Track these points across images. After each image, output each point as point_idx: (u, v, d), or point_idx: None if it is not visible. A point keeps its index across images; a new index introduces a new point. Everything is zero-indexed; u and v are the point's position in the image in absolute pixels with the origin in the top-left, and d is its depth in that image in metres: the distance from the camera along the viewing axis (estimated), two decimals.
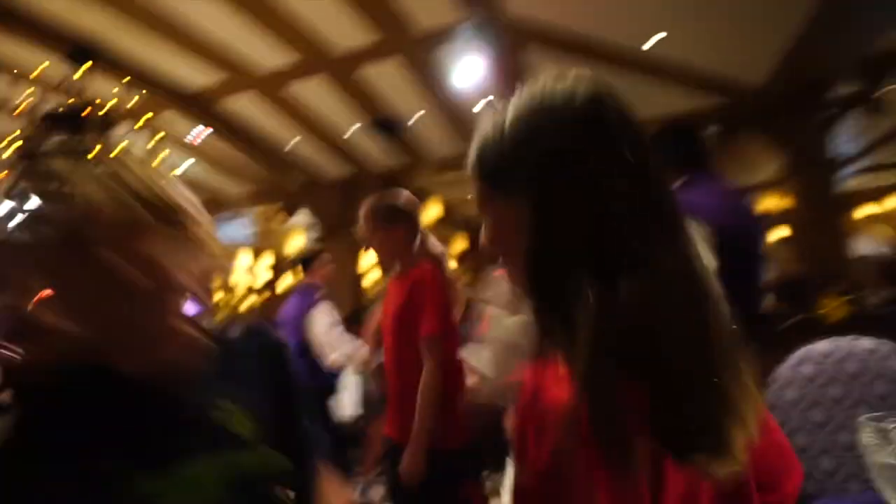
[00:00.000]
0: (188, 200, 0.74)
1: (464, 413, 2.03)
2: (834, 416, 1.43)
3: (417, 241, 2.09)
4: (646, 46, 4.74)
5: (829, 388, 1.44)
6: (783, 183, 6.44)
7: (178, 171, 6.60)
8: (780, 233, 8.07)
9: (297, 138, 6.34)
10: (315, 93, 5.49)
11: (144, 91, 4.84)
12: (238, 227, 9.82)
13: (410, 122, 5.94)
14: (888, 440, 0.72)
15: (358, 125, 6.04)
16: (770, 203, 7.16)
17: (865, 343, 1.44)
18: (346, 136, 6.10)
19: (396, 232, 2.07)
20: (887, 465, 0.72)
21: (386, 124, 6.03)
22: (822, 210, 5.74)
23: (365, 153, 6.71)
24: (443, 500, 1.90)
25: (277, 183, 6.95)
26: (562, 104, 0.61)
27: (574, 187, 0.58)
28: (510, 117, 0.63)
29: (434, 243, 2.16)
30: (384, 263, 2.16)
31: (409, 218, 2.10)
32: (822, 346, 1.46)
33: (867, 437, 0.76)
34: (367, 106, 5.70)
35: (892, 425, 0.73)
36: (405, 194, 2.18)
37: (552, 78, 0.64)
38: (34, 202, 0.63)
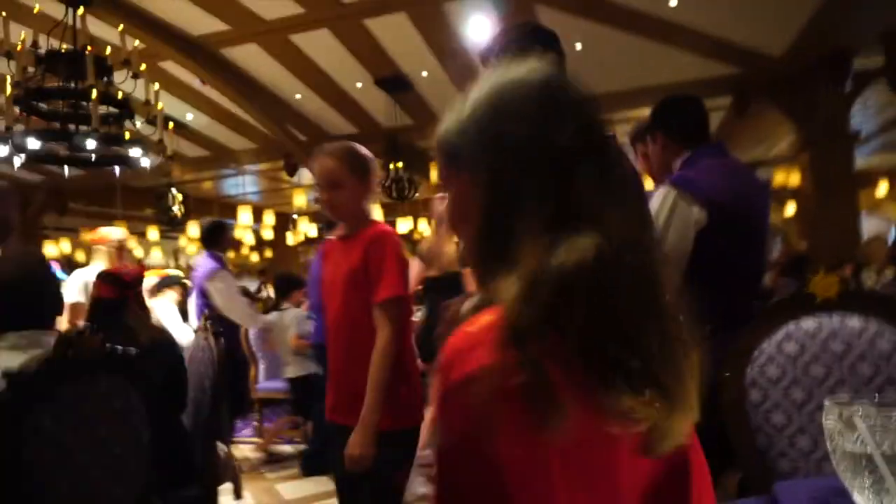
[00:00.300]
0: None
1: (418, 388, 1.83)
2: (815, 395, 1.39)
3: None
4: (665, 7, 4.57)
5: (811, 367, 1.40)
6: (796, 158, 6.30)
7: (183, 121, 6.53)
8: (791, 208, 7.94)
9: (301, 94, 6.23)
10: (320, 46, 5.36)
11: (144, 37, 4.74)
12: (242, 184, 9.79)
13: (417, 81, 5.81)
14: (851, 426, 0.68)
15: (363, 82, 5.92)
16: (782, 178, 7.02)
17: (853, 322, 1.39)
18: (358, 87, 5.97)
19: (365, 186, 1.84)
20: (849, 453, 0.68)
21: (392, 82, 5.90)
22: (836, 187, 5.61)
23: (370, 111, 6.60)
24: (392, 487, 1.72)
25: (280, 140, 6.86)
26: (517, 85, 0.65)
27: (522, 165, 0.62)
28: (470, 97, 0.68)
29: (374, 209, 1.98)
30: (342, 217, 1.88)
31: (374, 174, 1.91)
32: (807, 324, 1.41)
33: (830, 422, 0.71)
34: (373, 62, 5.57)
35: (857, 411, 0.69)
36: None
37: (513, 60, 0.68)
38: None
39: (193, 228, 8.86)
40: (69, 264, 7.32)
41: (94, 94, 3.79)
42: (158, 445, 1.70)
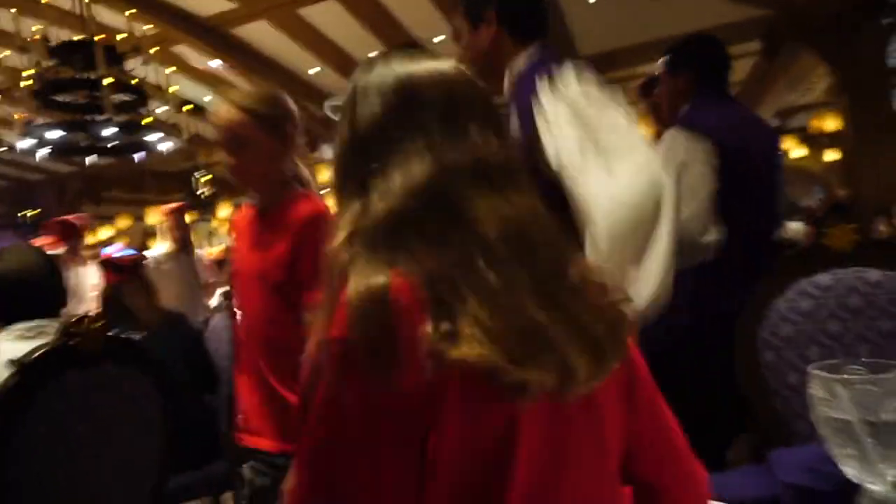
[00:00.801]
0: None
1: None
2: (832, 353, 1.32)
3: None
4: None
5: (828, 324, 1.33)
6: (834, 102, 5.98)
7: (202, 103, 6.57)
8: (830, 155, 7.60)
9: (317, 69, 6.18)
10: (330, 18, 5.29)
11: (155, 22, 4.74)
12: None
13: (430, 47, 5.69)
14: (834, 394, 0.63)
15: (377, 52, 5.83)
16: (818, 124, 6.70)
17: (871, 275, 1.30)
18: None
19: (281, 143, 1.47)
20: (832, 419, 0.63)
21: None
22: (879, 129, 5.31)
23: None
24: None
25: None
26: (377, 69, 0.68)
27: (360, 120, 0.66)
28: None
29: (304, 168, 1.57)
30: (252, 185, 1.52)
31: (294, 126, 1.51)
32: (822, 278, 1.33)
33: (815, 389, 0.66)
34: (384, 31, 5.48)
35: (842, 378, 0.64)
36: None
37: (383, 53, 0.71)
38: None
39: (224, 210, 8.99)
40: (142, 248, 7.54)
41: (107, 82, 3.83)
42: (179, 424, 1.74)
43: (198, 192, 7.43)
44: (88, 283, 3.72)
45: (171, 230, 3.68)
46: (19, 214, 7.33)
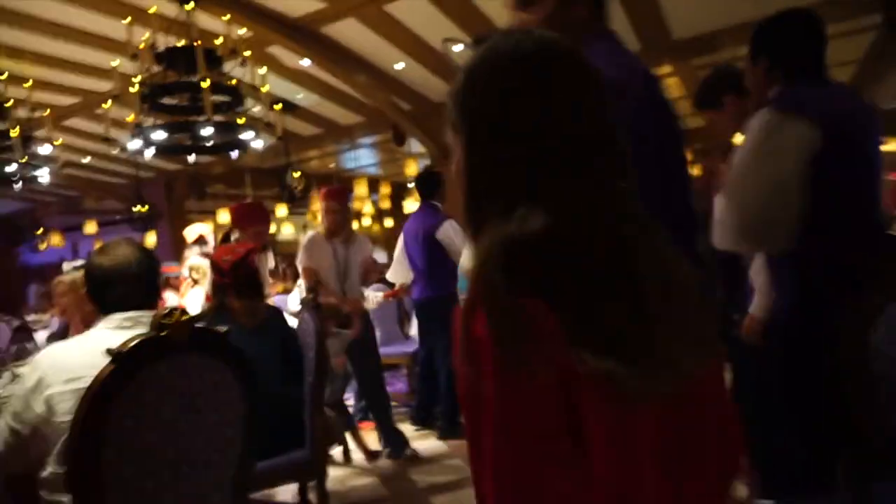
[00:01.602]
0: None
1: None
2: None
3: None
4: None
5: None
6: None
7: (293, 101, 6.83)
8: None
9: (402, 64, 6.25)
10: (416, 13, 5.33)
11: (250, 25, 4.96)
12: (357, 157, 10.12)
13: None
14: None
15: (462, 46, 5.82)
16: None
17: None
18: (457, 51, 5.89)
19: None
20: None
21: None
22: None
23: None
24: None
25: (386, 111, 6.96)
26: (509, 55, 0.67)
27: (498, 131, 0.65)
28: (468, 64, 0.70)
29: None
30: None
31: None
32: None
33: None
34: (469, 23, 5.45)
35: None
36: None
37: (512, 32, 0.71)
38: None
39: (315, 203, 9.35)
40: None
41: (206, 84, 4.05)
42: (265, 413, 1.81)
43: (291, 188, 7.75)
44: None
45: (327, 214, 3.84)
46: (133, 210, 7.94)
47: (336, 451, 3.64)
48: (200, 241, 4.58)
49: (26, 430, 1.49)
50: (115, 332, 1.58)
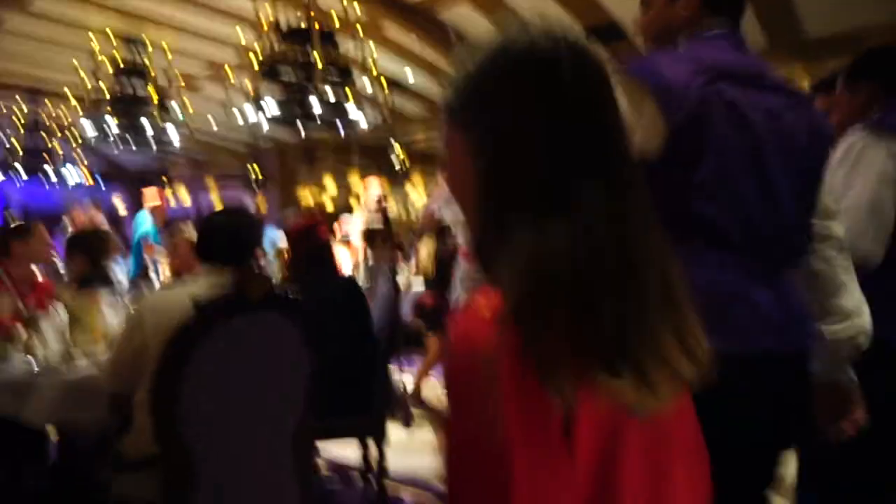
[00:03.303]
0: None
1: None
2: None
3: None
4: None
5: None
6: None
7: (405, 81, 7.01)
8: None
9: None
10: (530, 1, 5.29)
11: (367, 5, 5.15)
12: None
13: (629, 29, 5.42)
14: None
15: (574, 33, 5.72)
16: None
17: None
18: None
19: None
20: None
21: (604, 31, 5.59)
22: None
23: None
24: None
25: None
26: (521, 52, 0.64)
27: (514, 133, 0.61)
28: (477, 58, 0.66)
29: None
30: None
31: None
32: None
33: None
34: (583, 12, 5.33)
35: None
36: None
37: (526, 27, 0.66)
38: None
39: (418, 182, 9.60)
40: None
41: (320, 62, 4.28)
42: (334, 372, 1.95)
43: (394, 165, 7.98)
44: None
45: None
46: (249, 174, 8.54)
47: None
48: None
49: (127, 357, 1.73)
50: (204, 282, 1.76)
